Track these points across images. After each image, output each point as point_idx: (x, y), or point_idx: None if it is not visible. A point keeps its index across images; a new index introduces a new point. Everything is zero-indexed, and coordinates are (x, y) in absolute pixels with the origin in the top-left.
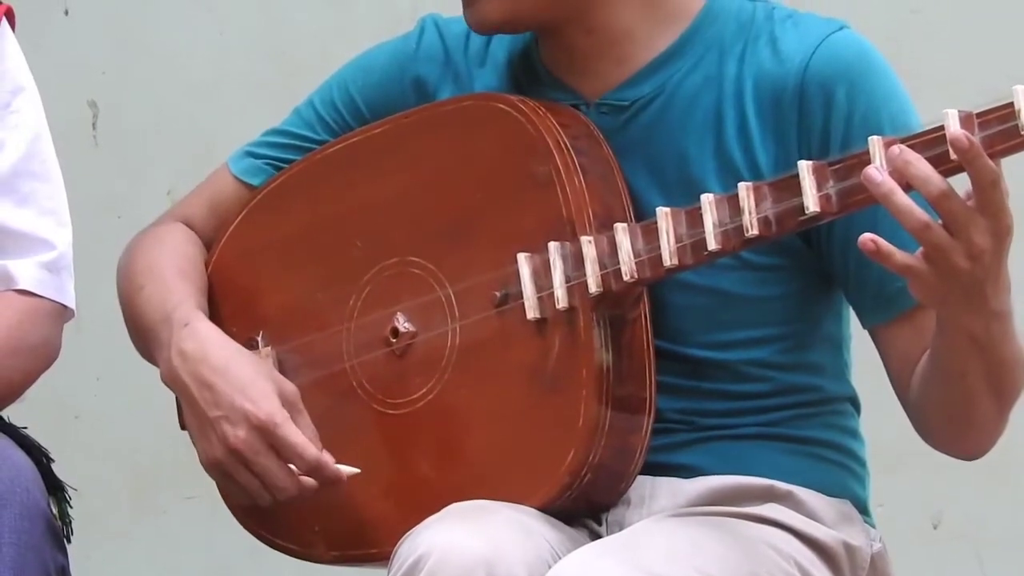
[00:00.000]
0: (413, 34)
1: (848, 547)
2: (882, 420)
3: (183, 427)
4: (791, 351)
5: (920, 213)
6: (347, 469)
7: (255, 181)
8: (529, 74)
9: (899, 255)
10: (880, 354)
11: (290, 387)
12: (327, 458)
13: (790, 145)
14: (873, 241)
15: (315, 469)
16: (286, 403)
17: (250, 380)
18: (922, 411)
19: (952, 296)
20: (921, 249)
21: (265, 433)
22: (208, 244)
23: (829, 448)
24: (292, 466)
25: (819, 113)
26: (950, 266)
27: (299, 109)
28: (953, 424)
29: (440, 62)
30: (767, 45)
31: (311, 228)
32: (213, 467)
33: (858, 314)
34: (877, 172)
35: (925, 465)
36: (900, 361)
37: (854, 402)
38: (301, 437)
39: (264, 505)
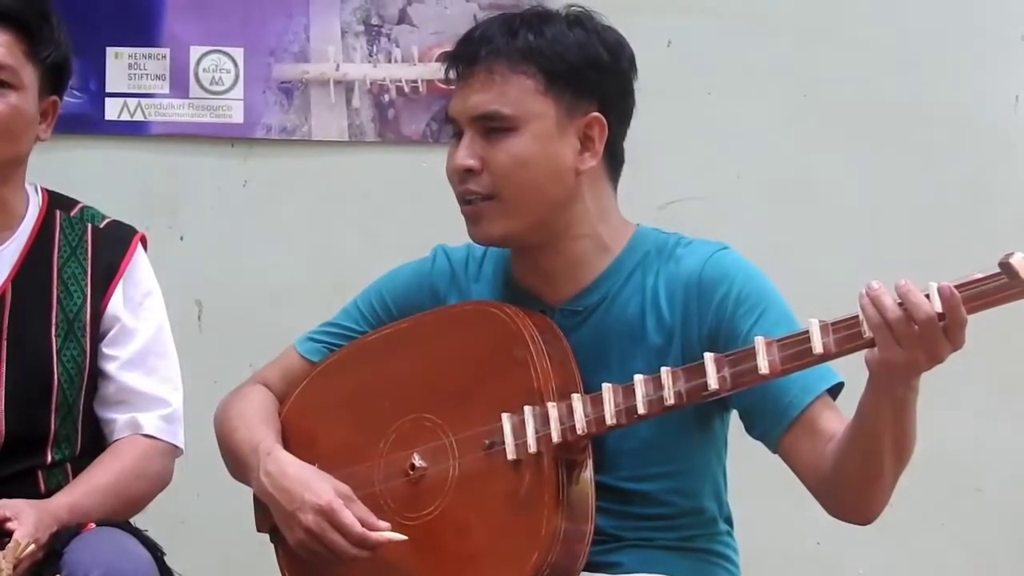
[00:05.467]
0: (429, 258)
1: None
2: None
3: (259, 530)
4: (690, 482)
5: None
6: (395, 536)
7: (315, 358)
8: (508, 287)
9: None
10: (791, 465)
11: (343, 485)
12: (370, 534)
13: (691, 327)
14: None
15: (361, 542)
16: (341, 495)
17: (313, 481)
18: (833, 481)
19: (900, 368)
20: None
21: (326, 515)
22: (280, 401)
23: (714, 555)
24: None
25: (709, 304)
26: (912, 356)
27: (347, 308)
28: (860, 486)
29: (448, 278)
30: (674, 262)
31: (355, 392)
32: (299, 547)
33: (765, 440)
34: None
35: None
36: (805, 459)
37: (728, 520)
38: (351, 518)
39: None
